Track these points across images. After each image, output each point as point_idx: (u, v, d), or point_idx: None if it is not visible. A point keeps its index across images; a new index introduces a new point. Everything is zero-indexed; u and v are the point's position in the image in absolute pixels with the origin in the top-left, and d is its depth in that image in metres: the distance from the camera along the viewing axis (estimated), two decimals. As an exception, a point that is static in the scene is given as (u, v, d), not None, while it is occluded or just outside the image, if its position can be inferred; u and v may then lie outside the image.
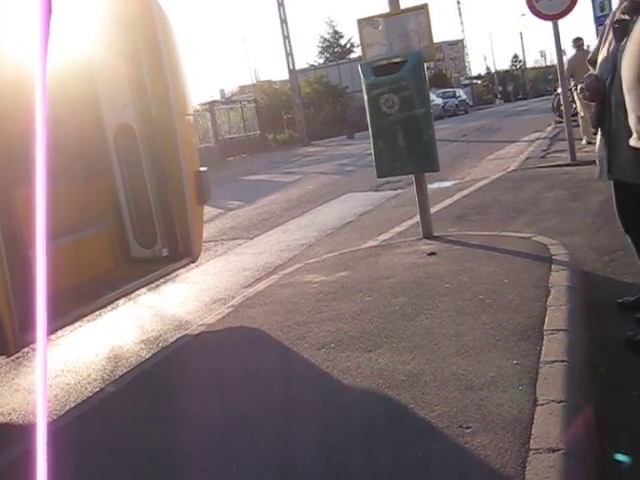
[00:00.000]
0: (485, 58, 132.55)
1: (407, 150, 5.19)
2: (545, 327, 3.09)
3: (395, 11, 5.54)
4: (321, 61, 53.91)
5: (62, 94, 3.63)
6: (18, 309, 3.02)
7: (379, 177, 5.63)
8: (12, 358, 4.06)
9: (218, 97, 38.06)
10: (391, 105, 5.12)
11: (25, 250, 3.24)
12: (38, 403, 0.86)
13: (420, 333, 3.31)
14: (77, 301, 3.53)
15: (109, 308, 4.77)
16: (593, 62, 3.40)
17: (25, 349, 3.57)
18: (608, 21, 3.27)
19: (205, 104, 26.47)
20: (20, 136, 3.44)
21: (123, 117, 4.24)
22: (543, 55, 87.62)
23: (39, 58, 0.91)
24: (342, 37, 57.30)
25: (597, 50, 3.36)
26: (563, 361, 2.69)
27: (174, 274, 5.08)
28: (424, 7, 5.47)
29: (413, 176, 5.51)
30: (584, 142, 10.73)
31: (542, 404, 2.35)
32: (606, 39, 3.19)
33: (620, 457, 2.46)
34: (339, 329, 3.54)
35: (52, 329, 3.39)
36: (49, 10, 0.91)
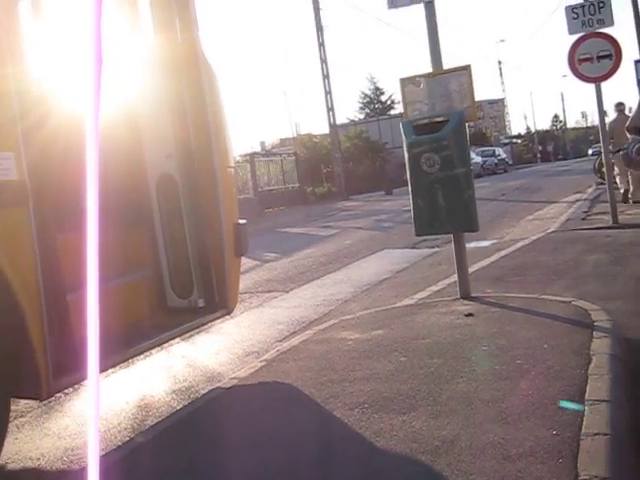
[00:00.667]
0: (525, 117, 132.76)
1: (447, 209, 5.17)
2: (586, 397, 2.98)
3: (437, 71, 5.59)
4: (361, 116, 54.68)
5: (108, 142, 3.71)
6: (53, 354, 3.03)
7: (417, 235, 5.60)
8: (44, 402, 4.07)
9: (258, 149, 38.66)
10: (432, 164, 5.12)
11: (63, 295, 3.26)
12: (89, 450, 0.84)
13: (456, 397, 3.23)
14: (111, 349, 3.53)
15: (142, 356, 4.76)
16: (632, 129, 3.37)
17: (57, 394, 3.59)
18: None
19: (245, 155, 26.90)
20: (65, 182, 3.52)
21: (166, 167, 4.30)
22: (584, 116, 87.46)
23: (91, 107, 0.92)
24: (383, 93, 58.18)
25: (637, 117, 3.33)
26: (606, 434, 2.58)
27: (208, 325, 5.07)
28: (467, 68, 5.51)
29: (452, 235, 5.47)
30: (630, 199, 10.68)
31: (584, 480, 2.25)
32: None
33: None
34: (373, 389, 3.48)
35: (85, 376, 3.39)
36: (100, 60, 0.92)
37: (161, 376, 4.75)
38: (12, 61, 3.00)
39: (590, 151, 62.53)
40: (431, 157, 5.13)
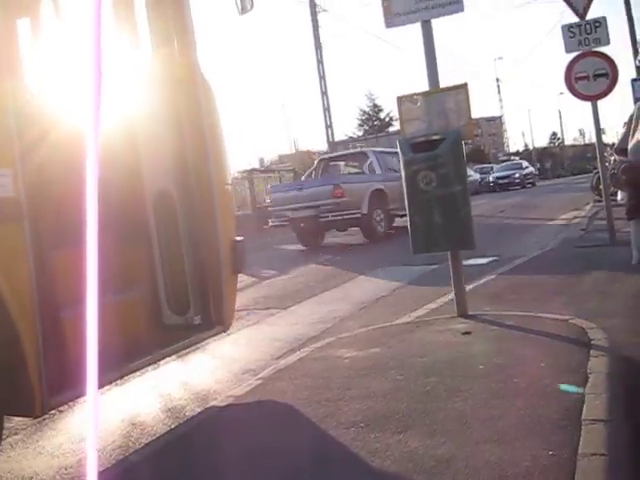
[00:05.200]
0: (523, 135, 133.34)
1: (443, 227, 5.17)
2: (583, 417, 2.97)
3: (435, 90, 5.61)
4: (360, 133, 54.79)
5: (106, 159, 3.70)
6: (47, 371, 3.02)
7: (415, 254, 5.60)
8: (38, 420, 4.04)
9: (257, 165, 38.72)
10: (429, 182, 5.13)
11: (58, 312, 3.25)
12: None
13: (452, 416, 3.21)
14: (106, 366, 3.51)
15: (138, 374, 4.73)
16: (619, 150, 3.40)
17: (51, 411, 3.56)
18: (635, 111, 3.27)
19: (244, 172, 26.91)
20: (62, 199, 3.52)
21: (163, 184, 4.30)
22: (582, 133, 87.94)
23: (90, 124, 0.92)
24: (381, 111, 58.41)
25: (625, 138, 3.36)
26: (603, 454, 2.57)
27: (205, 342, 5.05)
28: (463, 86, 5.54)
29: (449, 253, 5.47)
30: None
31: (580, 501, 2.23)
32: (636, 127, 3.19)
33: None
34: (369, 407, 3.46)
35: (80, 393, 3.37)
36: (100, 78, 0.93)
37: (156, 394, 4.73)
38: (10, 77, 3.01)
39: (491, 177, 40.98)
40: (428, 175, 5.13)
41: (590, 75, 9.23)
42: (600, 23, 9.25)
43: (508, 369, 3.83)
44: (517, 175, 41.28)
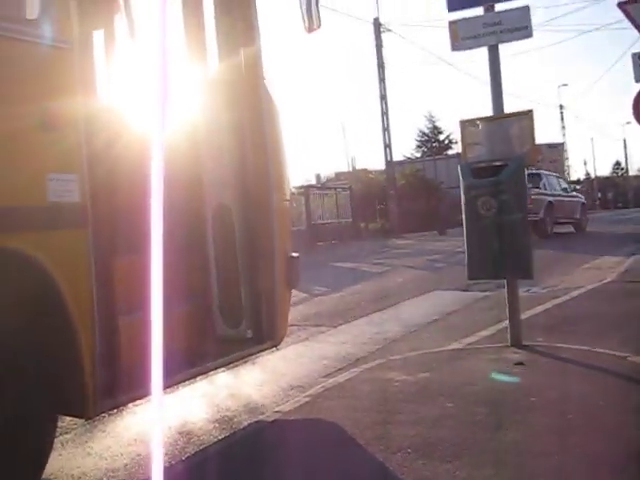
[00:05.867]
0: (585, 163, 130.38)
1: (501, 255, 5.08)
2: (644, 459, 2.87)
3: (499, 116, 5.56)
4: (418, 154, 54.43)
5: (169, 168, 3.76)
6: (102, 374, 3.07)
7: (470, 279, 5.53)
8: (88, 421, 4.11)
9: (314, 181, 38.84)
10: (488, 208, 5.06)
11: (116, 318, 3.31)
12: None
13: (503, 448, 3.15)
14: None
15: (187, 383, 4.77)
16: None
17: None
18: None
19: (301, 188, 27.04)
20: (125, 207, 3.59)
21: (223, 197, 4.35)
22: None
23: (157, 132, 0.93)
24: (441, 133, 57.87)
25: None
26: (661, 500, 2.47)
27: (255, 356, 5.06)
28: (528, 113, 5.47)
29: (505, 280, 5.37)
30: None
31: None
32: None
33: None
34: (418, 434, 3.41)
35: (131, 398, 3.42)
36: (167, 91, 0.94)
37: (204, 404, 4.75)
38: (83, 86, 3.10)
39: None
40: (488, 201, 5.07)
41: (661, 105, 9.00)
42: (673, 52, 9.03)
43: (562, 404, 3.73)
44: None
